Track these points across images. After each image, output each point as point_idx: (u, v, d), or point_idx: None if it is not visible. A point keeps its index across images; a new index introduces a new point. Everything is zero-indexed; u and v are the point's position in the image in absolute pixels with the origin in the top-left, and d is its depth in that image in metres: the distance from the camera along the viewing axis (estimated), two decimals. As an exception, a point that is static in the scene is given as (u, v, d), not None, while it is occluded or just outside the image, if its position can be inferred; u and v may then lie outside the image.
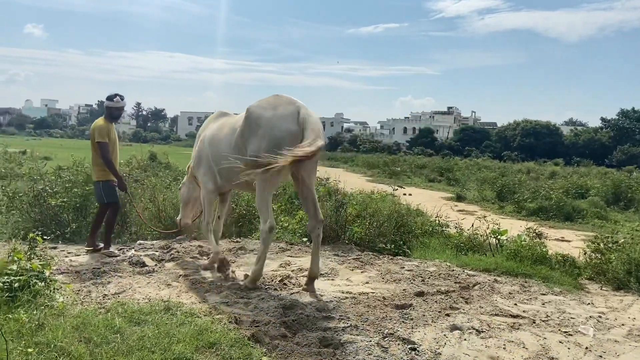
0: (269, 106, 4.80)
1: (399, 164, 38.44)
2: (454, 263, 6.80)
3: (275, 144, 4.52)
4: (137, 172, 11.54)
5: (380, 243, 7.57)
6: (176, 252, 6.40)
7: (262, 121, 4.71)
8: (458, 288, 5.49)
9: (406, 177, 30.13)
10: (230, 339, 3.54)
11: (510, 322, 4.50)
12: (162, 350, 3.25)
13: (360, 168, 41.03)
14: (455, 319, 4.47)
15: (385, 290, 5.24)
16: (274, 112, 4.71)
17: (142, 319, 3.78)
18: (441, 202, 15.77)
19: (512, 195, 17.92)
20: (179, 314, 3.96)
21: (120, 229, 7.78)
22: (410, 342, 3.87)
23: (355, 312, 4.47)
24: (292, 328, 4.02)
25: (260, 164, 4.36)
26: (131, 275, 5.29)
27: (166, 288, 4.86)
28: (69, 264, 5.59)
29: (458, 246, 7.82)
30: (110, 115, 6.43)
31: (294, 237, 7.74)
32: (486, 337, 4.10)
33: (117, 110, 6.47)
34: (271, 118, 4.67)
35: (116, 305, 4.07)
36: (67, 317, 3.67)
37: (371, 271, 6.07)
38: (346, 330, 4.02)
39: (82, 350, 3.13)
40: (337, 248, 7.25)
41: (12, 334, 3.16)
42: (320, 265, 6.11)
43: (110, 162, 6.19)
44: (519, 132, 71.32)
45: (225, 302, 4.51)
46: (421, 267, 6.42)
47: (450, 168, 34.44)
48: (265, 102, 4.91)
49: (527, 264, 6.59)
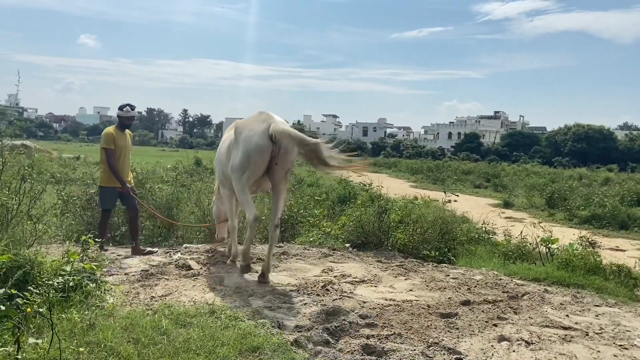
0: (248, 123, 5.41)
1: (443, 170, 37.83)
2: (502, 272, 6.60)
3: (247, 156, 5.19)
4: (184, 177, 11.84)
5: (424, 250, 7.44)
6: (221, 256, 6.50)
7: (241, 136, 5.33)
8: (506, 298, 5.32)
9: (451, 183, 29.59)
10: (273, 344, 3.55)
11: (562, 334, 4.32)
12: (206, 352, 3.29)
13: (404, 174, 40.64)
14: (503, 329, 4.33)
15: (430, 298, 5.14)
16: (249, 129, 5.29)
17: (187, 322, 3.85)
18: (488, 209, 15.40)
19: (563, 202, 17.29)
20: (223, 317, 4.01)
21: (167, 232, 7.98)
22: (456, 352, 3.77)
23: (399, 320, 4.40)
24: (335, 334, 3.99)
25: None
26: (177, 278, 5.40)
27: (211, 291, 4.93)
28: (118, 266, 5.77)
29: (506, 254, 7.59)
30: (121, 124, 6.70)
31: (336, 242, 7.72)
32: (536, 349, 3.95)
33: (127, 120, 6.72)
34: (247, 133, 5.27)
35: (163, 307, 4.16)
36: (117, 317, 3.77)
37: (415, 278, 5.97)
38: (390, 338, 3.96)
39: (131, 351, 3.21)
40: (380, 254, 7.18)
41: (65, 333, 3.27)
42: (363, 271, 6.08)
43: (113, 167, 6.39)
44: (571, 136, 68.89)
45: (269, 307, 4.53)
46: (467, 275, 6.26)
47: (497, 174, 33.64)
48: (248, 118, 5.54)
49: (579, 274, 6.32)
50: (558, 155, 66.32)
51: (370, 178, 11.96)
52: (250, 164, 5.14)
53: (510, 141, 75.86)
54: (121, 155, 6.56)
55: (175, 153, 44.23)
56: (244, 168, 5.20)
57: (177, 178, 10.70)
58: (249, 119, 5.51)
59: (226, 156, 5.74)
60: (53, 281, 3.67)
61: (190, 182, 11.28)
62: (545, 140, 74.13)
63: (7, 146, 5.16)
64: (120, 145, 6.55)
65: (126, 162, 6.68)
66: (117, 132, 6.62)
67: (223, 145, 6.04)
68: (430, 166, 42.42)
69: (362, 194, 10.10)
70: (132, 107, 6.75)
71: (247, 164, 5.16)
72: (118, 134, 6.61)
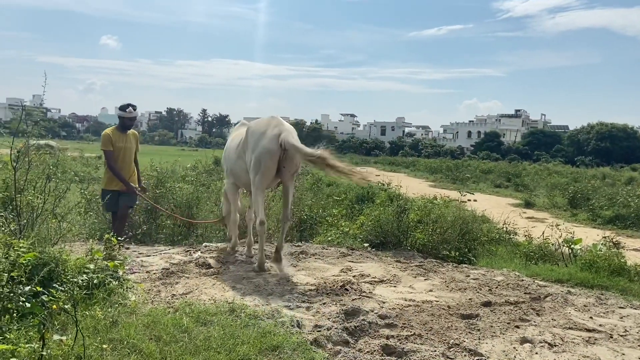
0: (261, 127, 5.76)
1: (463, 169, 37.47)
2: (524, 273, 6.51)
3: (258, 159, 5.59)
4: (203, 176, 11.93)
5: (444, 250, 7.39)
6: (240, 254, 6.54)
7: (253, 139, 5.71)
8: (528, 299, 5.25)
9: (471, 183, 29.30)
10: (293, 343, 3.56)
11: (586, 337, 4.24)
12: (227, 351, 3.31)
13: (422, 173, 40.37)
14: (526, 331, 4.27)
15: (450, 299, 5.09)
16: (261, 132, 5.68)
17: (208, 320, 3.88)
18: (508, 209, 15.22)
19: (586, 202, 16.99)
20: (243, 316, 4.03)
21: (187, 231, 8.06)
22: (478, 353, 3.73)
23: (419, 321, 4.37)
24: (354, 334, 3.98)
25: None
26: (197, 276, 5.45)
27: (231, 290, 4.97)
28: (140, 264, 5.85)
29: (527, 255, 7.49)
30: (122, 125, 6.62)
31: (355, 242, 7.70)
32: (559, 351, 3.88)
33: (129, 120, 6.64)
34: (259, 137, 5.67)
35: (184, 305, 4.20)
36: (139, 315, 3.82)
37: (435, 279, 5.93)
38: (410, 339, 3.94)
39: (153, 348, 3.24)
40: (399, 254, 7.14)
41: (89, 330, 3.32)
42: (382, 271, 6.06)
43: (113, 169, 6.38)
44: (594, 135, 67.62)
45: (288, 306, 4.54)
46: (488, 276, 6.19)
47: (518, 173, 33.23)
48: (261, 122, 5.88)
49: (603, 275, 6.20)
50: (581, 155, 65.17)
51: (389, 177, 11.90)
52: (262, 166, 5.57)
53: (531, 140, 74.79)
54: (120, 155, 6.49)
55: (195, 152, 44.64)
56: (256, 170, 5.60)
57: (198, 177, 10.80)
58: (261, 123, 5.83)
59: (235, 153, 6.09)
60: (77, 279, 3.74)
61: (209, 181, 11.37)
62: (568, 139, 72.88)
63: (33, 146, 5.26)
64: (119, 147, 6.49)
65: (126, 162, 6.58)
66: (115, 133, 6.55)
67: (232, 142, 6.35)
68: (449, 165, 42.06)
69: (380, 194, 10.06)
70: (134, 108, 6.68)
71: (259, 166, 5.58)
72: (117, 134, 6.55)
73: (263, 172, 5.57)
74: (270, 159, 5.54)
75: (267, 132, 5.61)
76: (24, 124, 4.76)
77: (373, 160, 60.10)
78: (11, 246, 3.42)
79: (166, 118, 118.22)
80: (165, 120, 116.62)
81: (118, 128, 6.63)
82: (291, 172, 5.83)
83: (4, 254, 3.32)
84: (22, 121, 4.69)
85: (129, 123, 6.68)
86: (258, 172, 5.58)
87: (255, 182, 5.63)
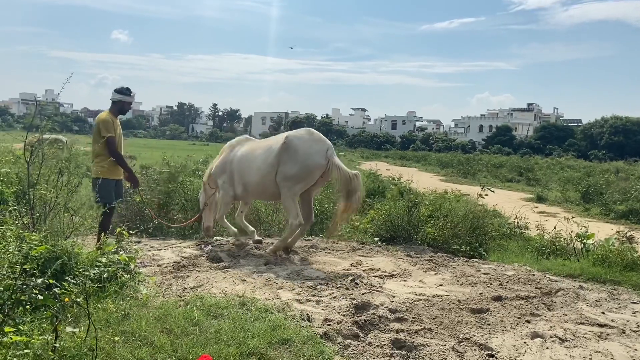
0: (306, 140, 6.12)
1: (474, 163, 37.24)
2: (535, 267, 6.47)
3: (306, 172, 6.00)
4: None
5: (455, 244, 7.35)
6: (250, 248, 6.57)
7: (300, 151, 6.01)
8: (539, 294, 5.21)
9: (482, 177, 29.11)
10: (303, 336, 3.57)
11: (597, 332, 4.21)
12: (237, 344, 3.33)
13: (433, 167, 40.17)
14: (537, 326, 4.24)
15: (461, 294, 5.07)
16: (310, 145, 6.05)
17: (218, 313, 3.90)
18: (520, 203, 15.10)
19: (599, 197, 16.81)
20: (253, 309, 4.05)
21: (199, 225, 8.10)
22: (488, 348, 3.72)
23: (429, 315, 4.36)
24: (364, 328, 3.98)
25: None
26: (208, 270, 5.48)
27: (241, 283, 4.99)
28: (151, 257, 5.89)
29: (539, 250, 7.44)
30: (120, 109, 6.11)
31: (365, 236, 7.69)
32: (570, 346, 3.86)
33: (128, 105, 6.20)
34: (307, 150, 6.02)
35: (195, 298, 4.23)
36: (150, 308, 3.86)
37: (445, 273, 5.91)
38: (419, 333, 3.93)
39: (164, 341, 3.27)
40: (409, 248, 7.13)
41: (101, 323, 3.36)
42: (392, 265, 6.06)
43: (120, 157, 5.94)
44: (607, 129, 66.84)
45: (298, 300, 4.56)
46: (499, 271, 6.16)
47: (530, 167, 32.95)
48: (303, 135, 6.20)
49: (616, 270, 6.14)
50: (594, 149, 64.48)
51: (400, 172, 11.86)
52: (308, 176, 6.04)
53: (543, 134, 74.10)
54: (119, 142, 6.06)
55: (206, 147, 44.83)
56: (299, 179, 6.01)
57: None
58: (304, 136, 6.19)
59: (265, 165, 6.22)
60: (89, 272, 3.78)
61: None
62: (581, 133, 72.11)
63: (47, 140, 5.31)
64: (118, 134, 6.03)
65: (122, 150, 6.17)
66: (112, 118, 6.00)
67: (253, 152, 6.51)
68: (460, 159, 41.83)
69: (391, 188, 10.03)
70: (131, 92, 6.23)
71: (304, 176, 6.02)
72: (114, 120, 6.01)
73: (306, 182, 6.07)
74: (318, 171, 6.03)
75: (315, 147, 6.05)
76: (38, 118, 4.81)
77: (384, 155, 59.88)
78: (24, 239, 3.46)
79: (177, 112, 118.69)
80: (176, 115, 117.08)
81: (114, 112, 6.07)
82: (323, 184, 6.53)
83: (17, 247, 3.36)
84: (36, 116, 4.73)
85: (128, 108, 6.23)
86: (301, 182, 6.03)
87: (295, 190, 6.07)
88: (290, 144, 6.08)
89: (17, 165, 6.93)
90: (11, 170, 6.55)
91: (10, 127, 60.49)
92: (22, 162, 5.70)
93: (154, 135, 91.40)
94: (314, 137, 6.19)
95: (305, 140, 6.13)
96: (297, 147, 6.04)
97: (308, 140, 6.13)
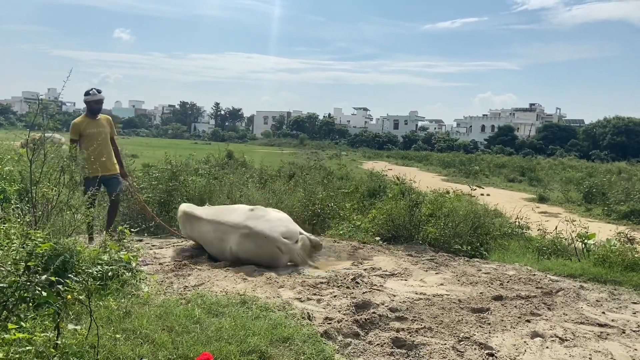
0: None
1: (476, 163, 37.21)
2: (536, 267, 6.47)
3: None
4: (216, 170, 12.00)
5: (456, 244, 7.35)
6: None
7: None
8: (540, 293, 5.22)
9: (484, 177, 29.09)
10: (303, 335, 3.58)
11: (598, 332, 4.21)
12: (238, 342, 3.34)
13: (435, 167, 40.14)
14: (537, 325, 4.25)
15: (461, 293, 5.08)
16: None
17: (219, 311, 3.92)
18: (522, 203, 15.09)
19: (601, 197, 16.79)
20: (254, 308, 4.06)
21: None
22: (488, 347, 3.73)
23: (430, 314, 4.38)
24: (365, 327, 4.00)
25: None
26: (209, 268, 5.49)
27: (242, 282, 5.00)
28: (152, 256, 5.91)
29: (540, 250, 7.44)
30: (90, 110, 6.54)
31: (366, 235, 7.70)
32: (570, 346, 3.87)
33: (95, 104, 6.53)
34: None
35: (196, 296, 4.25)
36: (152, 306, 3.87)
37: (446, 273, 5.92)
38: (420, 332, 3.94)
39: (165, 338, 3.29)
40: (410, 248, 7.14)
41: (103, 320, 3.37)
42: (393, 264, 6.07)
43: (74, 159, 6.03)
44: (610, 129, 66.67)
45: (298, 298, 4.57)
46: (499, 271, 6.17)
47: (532, 167, 32.92)
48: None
49: (617, 271, 6.14)
50: (596, 149, 64.35)
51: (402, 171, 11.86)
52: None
53: (546, 134, 73.96)
54: (94, 140, 6.32)
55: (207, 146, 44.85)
56: None
57: (210, 171, 10.86)
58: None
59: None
60: (92, 270, 3.79)
61: (222, 174, 11.42)
62: (583, 134, 71.96)
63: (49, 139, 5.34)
64: (90, 132, 6.38)
65: (102, 146, 6.41)
66: (85, 120, 6.48)
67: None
68: (462, 159, 41.80)
69: (392, 188, 10.03)
70: (98, 91, 6.55)
71: None
72: (87, 121, 6.46)
73: None
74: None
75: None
76: (41, 117, 4.82)
77: (385, 154, 59.86)
78: (28, 236, 3.48)
79: (179, 111, 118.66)
80: (178, 114, 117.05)
81: (87, 114, 6.56)
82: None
83: (21, 244, 3.38)
84: (38, 114, 4.75)
85: (96, 107, 6.57)
86: None
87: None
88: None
89: (19, 163, 6.96)
90: (14, 169, 6.57)
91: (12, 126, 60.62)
92: (25, 160, 5.72)
93: (156, 134, 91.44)
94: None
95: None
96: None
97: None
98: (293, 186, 10.41)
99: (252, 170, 13.63)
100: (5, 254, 3.27)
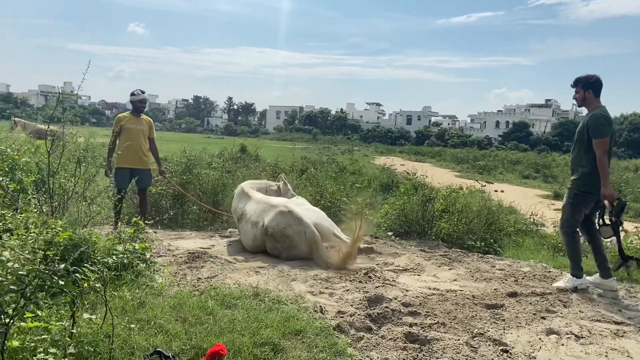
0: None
1: (490, 159, 36.90)
2: (551, 264, 6.40)
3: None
4: (229, 164, 12.04)
5: (469, 240, 7.30)
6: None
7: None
8: (555, 290, 5.17)
9: (498, 173, 28.84)
10: (316, 328, 3.58)
11: (614, 329, 4.16)
12: (251, 333, 3.35)
13: (449, 163, 39.85)
14: (552, 322, 4.21)
15: (475, 289, 5.05)
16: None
17: (232, 303, 3.93)
18: (536, 200, 14.94)
19: (618, 195, 16.55)
20: (266, 300, 4.07)
21: (213, 217, 8.16)
22: (502, 343, 3.70)
23: (443, 310, 4.35)
24: (377, 321, 3.99)
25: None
26: (222, 261, 5.51)
27: (254, 275, 5.02)
28: (166, 248, 5.95)
29: (555, 247, 7.36)
30: (134, 108, 7.04)
31: (378, 230, 7.68)
32: (586, 343, 3.82)
33: (139, 103, 7.03)
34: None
35: (209, 288, 4.27)
36: (165, 297, 3.90)
37: (459, 268, 5.88)
38: (433, 327, 3.92)
39: (179, 329, 3.31)
40: (423, 243, 7.10)
41: (117, 310, 3.41)
42: (406, 259, 6.04)
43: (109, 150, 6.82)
44: (627, 126, 65.65)
45: (311, 292, 4.57)
46: (514, 267, 6.11)
47: (548, 164, 32.57)
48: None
49: (633, 268, 6.04)
50: (613, 146, 63.37)
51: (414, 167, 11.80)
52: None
53: (561, 131, 72.97)
54: (131, 135, 6.79)
55: (221, 140, 45.01)
56: None
57: (224, 164, 10.90)
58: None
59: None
60: (107, 259, 3.83)
61: (235, 168, 11.46)
62: (599, 130, 70.88)
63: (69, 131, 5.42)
64: (129, 127, 6.85)
65: (137, 142, 6.86)
66: (128, 115, 7.01)
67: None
68: (476, 155, 41.47)
69: (405, 183, 9.99)
70: (142, 91, 7.07)
71: None
72: (130, 117, 6.97)
73: None
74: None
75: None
76: (59, 110, 4.87)
77: (398, 150, 59.58)
78: (47, 225, 3.52)
79: (193, 106, 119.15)
80: (191, 108, 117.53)
81: (132, 112, 7.06)
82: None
83: (40, 233, 3.42)
84: (57, 107, 4.80)
85: (140, 105, 7.05)
86: None
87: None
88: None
89: (36, 154, 7.04)
90: (31, 160, 6.65)
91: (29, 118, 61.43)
92: (42, 151, 5.79)
93: (169, 128, 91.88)
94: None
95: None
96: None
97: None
98: (305, 180, 10.42)
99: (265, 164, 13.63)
100: (23, 242, 3.31)
